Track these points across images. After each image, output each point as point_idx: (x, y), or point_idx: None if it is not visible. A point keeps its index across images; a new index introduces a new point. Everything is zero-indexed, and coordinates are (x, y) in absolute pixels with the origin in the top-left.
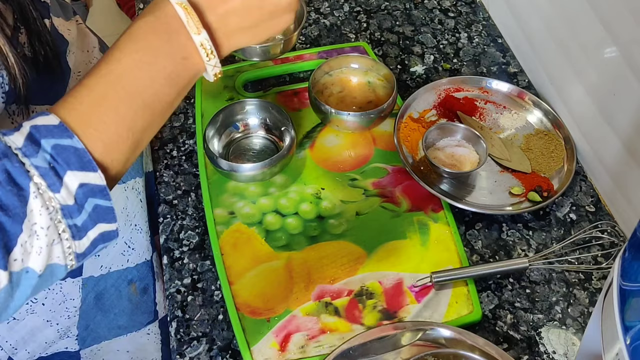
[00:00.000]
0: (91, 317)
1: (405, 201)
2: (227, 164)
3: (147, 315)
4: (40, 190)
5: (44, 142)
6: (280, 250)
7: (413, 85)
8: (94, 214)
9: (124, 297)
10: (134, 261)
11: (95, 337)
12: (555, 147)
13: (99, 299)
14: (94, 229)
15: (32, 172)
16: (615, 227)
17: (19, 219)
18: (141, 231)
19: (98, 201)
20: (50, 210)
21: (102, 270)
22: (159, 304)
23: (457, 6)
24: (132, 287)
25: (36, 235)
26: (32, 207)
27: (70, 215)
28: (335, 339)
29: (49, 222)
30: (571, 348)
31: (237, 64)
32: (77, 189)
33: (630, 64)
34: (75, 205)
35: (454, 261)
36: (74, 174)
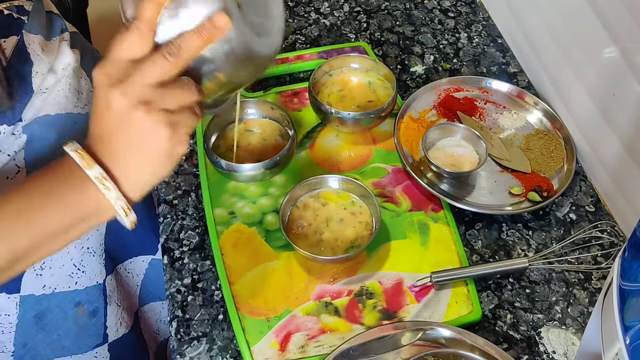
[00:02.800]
0: (30, 335)
1: (405, 201)
2: (227, 164)
3: (95, 338)
4: None
5: None
6: (280, 250)
7: (413, 85)
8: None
9: (70, 319)
10: (83, 284)
11: (34, 355)
12: (555, 147)
13: (40, 319)
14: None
15: None
16: (615, 227)
17: None
18: (94, 254)
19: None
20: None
21: (44, 289)
22: (110, 327)
23: (457, 6)
24: (79, 309)
25: None
26: None
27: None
28: (335, 339)
29: None
30: (571, 348)
31: None
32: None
33: (630, 64)
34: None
35: (454, 261)
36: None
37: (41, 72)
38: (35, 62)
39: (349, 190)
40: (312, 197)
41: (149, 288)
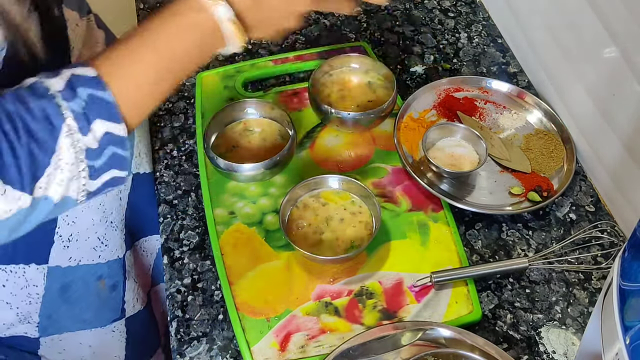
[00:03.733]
0: (55, 307)
1: (405, 201)
2: (226, 164)
3: (114, 312)
4: (71, 131)
5: (80, 90)
6: (280, 250)
7: (413, 85)
8: (111, 160)
9: (92, 292)
10: (106, 257)
11: (57, 327)
12: (555, 147)
13: (64, 291)
14: (107, 173)
15: (67, 114)
16: (615, 227)
17: (49, 153)
18: (116, 229)
19: (117, 150)
20: (77, 150)
21: (70, 261)
22: (128, 302)
23: (457, 6)
24: (100, 283)
25: (60, 169)
26: (61, 144)
27: (92, 158)
28: (335, 339)
29: (73, 160)
30: (571, 348)
31: (237, 64)
32: (102, 136)
33: (630, 64)
34: (98, 149)
35: (454, 261)
36: (102, 123)
37: (77, 48)
38: (71, 38)
39: (349, 190)
40: (312, 197)
41: (160, 268)
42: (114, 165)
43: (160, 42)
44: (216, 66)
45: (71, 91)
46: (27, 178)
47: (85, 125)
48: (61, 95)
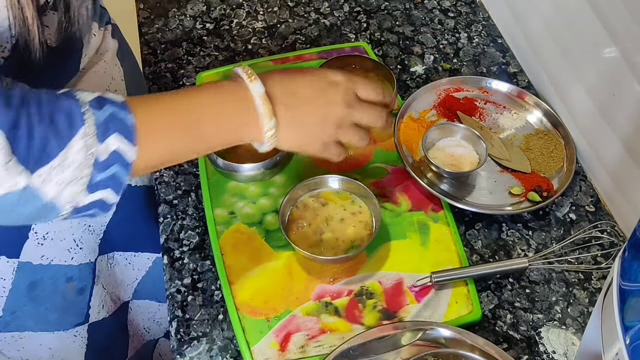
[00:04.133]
0: (20, 303)
1: (405, 201)
2: (226, 164)
3: (77, 316)
4: (87, 136)
5: (106, 106)
6: (280, 250)
7: (413, 85)
8: (111, 179)
9: (59, 293)
10: (78, 260)
11: (19, 325)
12: (555, 147)
13: (32, 288)
14: (101, 192)
15: (89, 120)
16: (615, 227)
17: (60, 146)
18: (93, 232)
19: (120, 171)
20: (87, 154)
21: (42, 259)
22: (93, 307)
23: (457, 6)
24: (70, 285)
25: (63, 168)
26: (74, 143)
27: (97, 169)
28: (335, 339)
29: (81, 161)
30: (571, 348)
31: (237, 64)
32: (113, 152)
33: (630, 64)
34: (105, 163)
35: (454, 261)
36: (117, 139)
37: (88, 55)
38: (85, 45)
39: (349, 190)
40: (312, 197)
41: (148, 285)
42: (111, 185)
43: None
44: (216, 66)
45: (98, 104)
46: (32, 157)
47: (102, 135)
48: (89, 103)
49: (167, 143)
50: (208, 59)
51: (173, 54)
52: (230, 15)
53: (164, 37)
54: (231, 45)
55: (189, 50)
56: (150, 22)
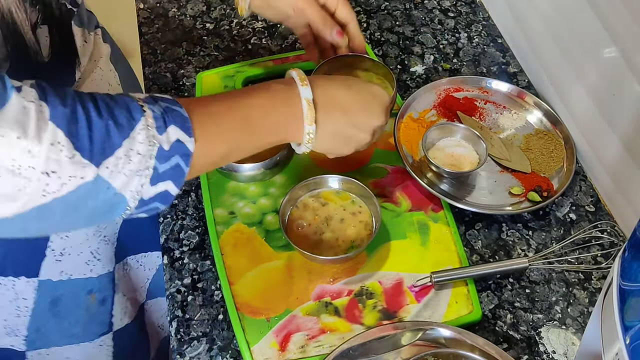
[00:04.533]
0: (44, 321)
1: (405, 201)
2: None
3: (101, 326)
4: (148, 126)
5: (160, 102)
6: (280, 250)
7: (413, 85)
8: (173, 170)
9: (82, 306)
10: (97, 272)
11: (45, 341)
12: (555, 147)
13: (54, 304)
14: (164, 183)
15: (147, 112)
16: (615, 227)
17: (123, 135)
18: (109, 242)
19: (181, 161)
20: (150, 144)
21: (61, 275)
22: (116, 316)
23: (457, 6)
24: (91, 297)
25: (129, 159)
26: (136, 134)
27: (160, 159)
28: (335, 339)
29: (145, 152)
30: (571, 348)
31: (237, 64)
32: (174, 142)
33: (630, 64)
34: (167, 153)
35: (454, 261)
36: (176, 130)
37: (83, 64)
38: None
39: (349, 190)
40: (312, 197)
41: (159, 283)
42: (174, 176)
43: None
44: (216, 66)
45: (152, 99)
46: (97, 149)
47: (162, 126)
48: (142, 99)
49: (221, 137)
50: (208, 59)
51: (173, 54)
52: (230, 15)
53: (164, 37)
54: (231, 45)
55: (189, 50)
56: (150, 22)
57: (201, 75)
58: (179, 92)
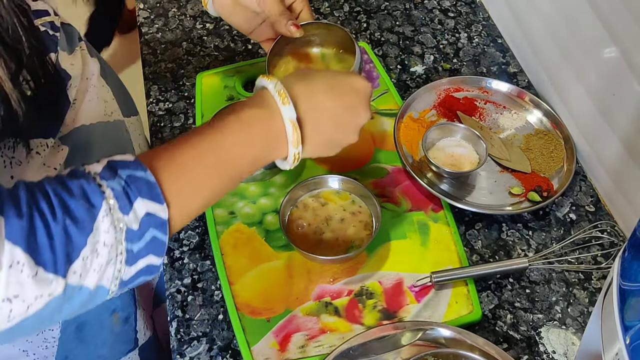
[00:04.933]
0: (71, 348)
1: (405, 201)
2: None
3: (127, 344)
4: (111, 210)
5: (120, 171)
6: (280, 250)
7: (413, 85)
8: (150, 244)
9: (106, 328)
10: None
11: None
12: (555, 147)
13: (79, 330)
14: (144, 259)
15: (107, 193)
16: (615, 227)
17: (86, 231)
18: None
19: (157, 233)
20: (117, 230)
21: None
22: (139, 331)
23: (457, 6)
24: (114, 317)
25: (97, 253)
26: (99, 224)
27: (131, 240)
28: (335, 339)
29: (113, 241)
30: (571, 348)
31: (236, 64)
32: (143, 217)
33: (630, 64)
34: (139, 231)
35: (454, 261)
36: (143, 202)
37: (74, 85)
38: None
39: (349, 190)
40: (312, 197)
41: (162, 289)
42: (152, 250)
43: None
44: (216, 66)
45: (110, 172)
46: (60, 259)
47: (127, 204)
48: (100, 175)
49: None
50: (208, 59)
51: (173, 54)
52: None
53: (164, 37)
54: (231, 45)
55: (189, 50)
56: (150, 22)
57: (201, 75)
58: (179, 92)
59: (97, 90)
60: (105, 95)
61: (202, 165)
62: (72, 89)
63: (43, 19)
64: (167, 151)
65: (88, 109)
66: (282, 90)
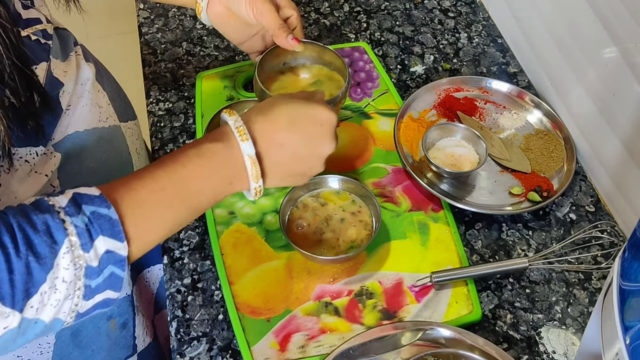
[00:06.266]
0: (66, 353)
1: (405, 201)
2: None
3: (125, 350)
4: (72, 248)
5: (84, 207)
6: (280, 250)
7: (413, 85)
8: (108, 280)
9: (103, 334)
10: None
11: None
12: (555, 147)
13: (75, 336)
14: (101, 294)
15: (70, 230)
16: (615, 227)
17: (46, 269)
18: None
19: (116, 269)
20: (76, 267)
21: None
22: (138, 337)
23: (457, 6)
24: (111, 323)
25: (55, 289)
26: (59, 260)
27: (90, 276)
28: (335, 339)
29: (72, 278)
30: (571, 348)
31: (236, 64)
32: (103, 254)
33: (630, 64)
34: (97, 268)
35: (454, 261)
36: (104, 240)
37: (67, 92)
38: (64, 83)
39: (349, 190)
40: (312, 197)
41: (163, 295)
42: (110, 285)
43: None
44: (216, 66)
45: (75, 207)
46: (19, 294)
47: (88, 242)
48: (64, 210)
49: (156, 226)
50: (208, 59)
51: (173, 54)
52: None
53: (164, 37)
54: (231, 45)
55: (189, 50)
56: (150, 22)
57: (201, 75)
58: (179, 92)
59: (92, 95)
60: (100, 100)
61: (164, 198)
62: (64, 95)
63: (34, 28)
64: (130, 184)
65: (82, 115)
66: (242, 127)
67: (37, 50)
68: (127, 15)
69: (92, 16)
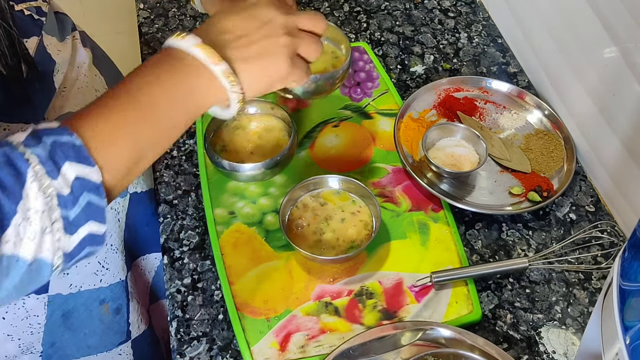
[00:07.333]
0: (58, 335)
1: (405, 201)
2: (227, 163)
3: (119, 335)
4: (38, 176)
5: (44, 137)
6: (280, 250)
7: (413, 85)
8: (87, 209)
9: (95, 317)
10: (108, 281)
11: (62, 355)
12: (555, 147)
13: (67, 318)
14: (84, 226)
15: (32, 159)
16: (615, 227)
17: (14, 199)
18: (116, 251)
19: (92, 197)
20: (47, 195)
21: (71, 288)
22: (132, 323)
23: (457, 6)
24: (104, 307)
25: (29, 221)
26: (28, 191)
27: (65, 205)
28: (335, 339)
29: (44, 207)
30: (571, 348)
31: None
32: (74, 181)
33: (630, 64)
34: (71, 195)
35: (454, 261)
36: (72, 165)
37: (62, 71)
38: (57, 62)
39: (349, 190)
40: (312, 197)
41: (159, 285)
42: (91, 216)
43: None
44: None
45: (34, 139)
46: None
47: (54, 169)
48: (23, 143)
49: (128, 143)
50: None
51: None
52: None
53: (164, 37)
54: None
55: None
56: (150, 22)
57: None
58: None
59: (88, 79)
60: (97, 84)
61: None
62: (58, 75)
63: (28, 4)
64: (90, 110)
65: (77, 97)
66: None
67: (29, 24)
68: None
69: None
